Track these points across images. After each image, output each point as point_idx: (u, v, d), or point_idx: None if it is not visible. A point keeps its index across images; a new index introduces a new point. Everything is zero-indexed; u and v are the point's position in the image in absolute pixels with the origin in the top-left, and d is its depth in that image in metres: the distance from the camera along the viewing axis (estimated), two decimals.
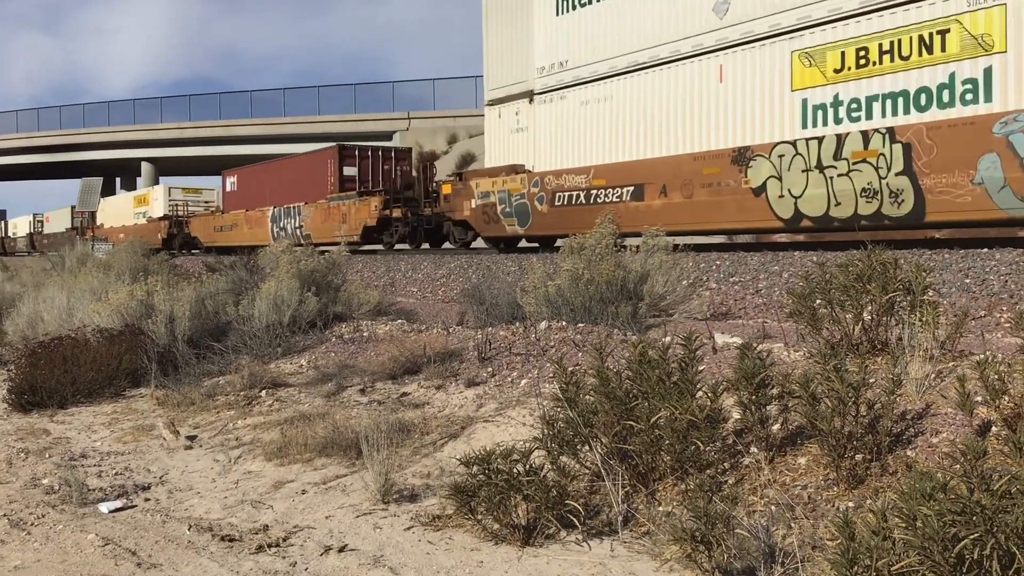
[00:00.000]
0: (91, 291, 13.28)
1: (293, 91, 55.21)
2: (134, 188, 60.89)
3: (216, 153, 53.84)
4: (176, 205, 42.90)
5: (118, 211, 50.49)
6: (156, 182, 56.40)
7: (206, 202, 43.04)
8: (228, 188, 37.54)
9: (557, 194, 18.22)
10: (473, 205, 21.02)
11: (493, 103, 20.85)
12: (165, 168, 59.46)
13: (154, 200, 45.02)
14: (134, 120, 58.36)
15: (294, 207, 31.26)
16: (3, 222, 78.07)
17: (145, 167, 58.43)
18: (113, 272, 15.35)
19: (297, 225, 30.73)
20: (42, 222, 66.17)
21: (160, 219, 42.92)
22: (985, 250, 10.41)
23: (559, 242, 20.31)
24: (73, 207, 58.53)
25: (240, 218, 35.51)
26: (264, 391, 8.24)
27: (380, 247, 27.51)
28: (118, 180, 64.97)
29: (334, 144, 30.22)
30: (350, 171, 29.11)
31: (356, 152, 29.57)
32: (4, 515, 5.33)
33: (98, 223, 53.03)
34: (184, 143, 55.79)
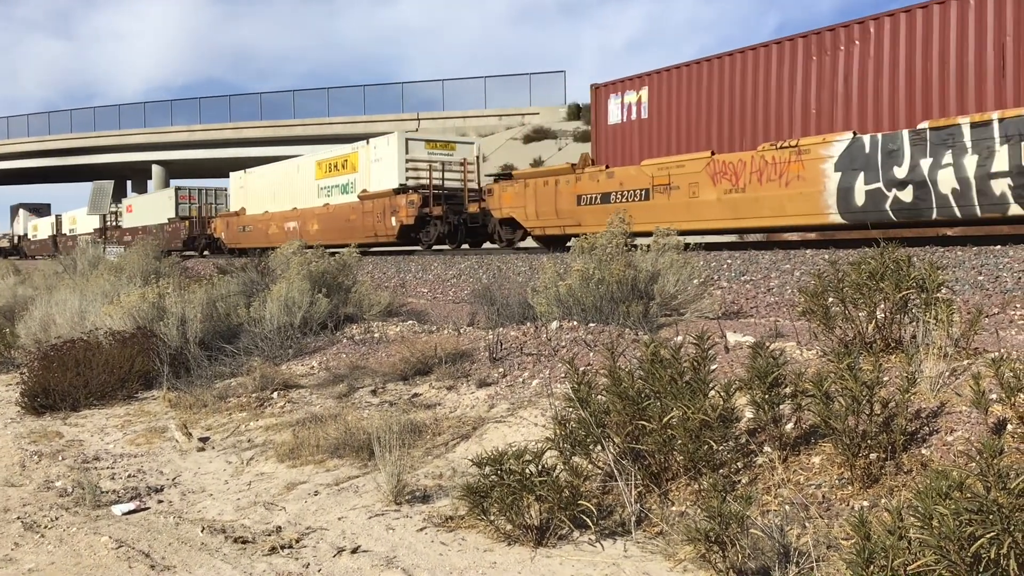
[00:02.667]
0: (103, 294, 13.33)
1: (303, 93, 55.31)
2: (145, 191, 60.19)
3: (226, 155, 53.99)
4: (418, 167, 24.74)
5: (281, 188, 31.48)
6: (167, 185, 56.19)
7: (462, 162, 24.98)
8: (615, 117, 18.25)
9: None
10: None
11: None
12: (176, 171, 59.64)
13: (372, 162, 26.17)
14: (144, 123, 58.57)
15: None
16: (54, 217, 62.04)
17: (156, 170, 58.57)
18: (124, 275, 15.40)
19: None
20: (118, 213, 50.42)
21: (395, 193, 24.48)
22: (999, 247, 10.36)
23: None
24: (178, 189, 42.79)
25: (678, 171, 16.43)
26: (276, 393, 8.25)
27: None
28: (129, 183, 65.15)
29: None
30: None
31: None
32: (18, 518, 5.35)
33: (234, 208, 35.69)
34: (195, 146, 55.94)
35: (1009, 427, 4.06)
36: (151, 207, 44.60)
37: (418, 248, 24.02)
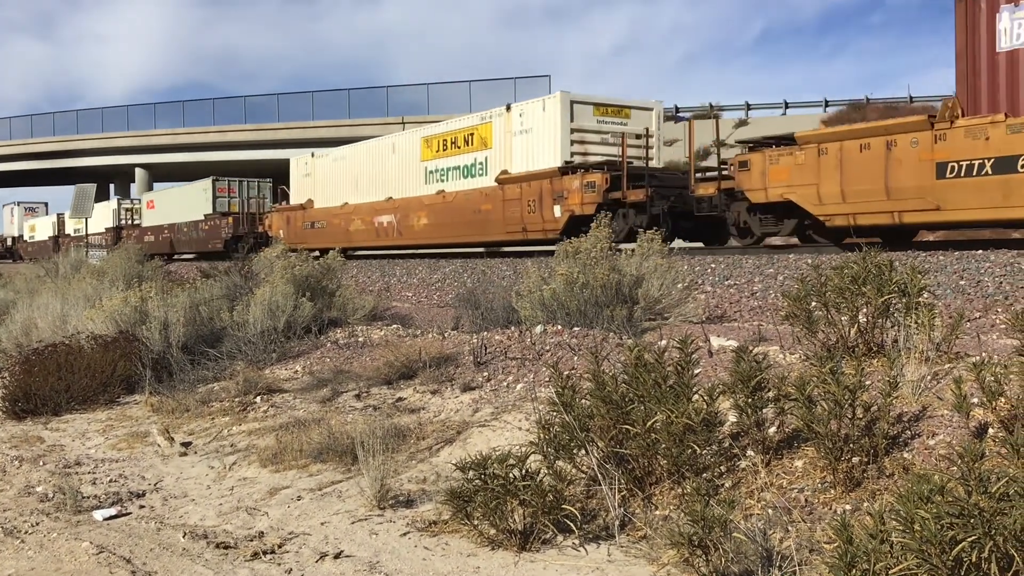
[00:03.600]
0: (85, 298, 13.24)
1: (287, 96, 55.04)
2: (128, 195, 59.66)
3: (210, 159, 53.70)
4: (585, 139, 18.86)
5: (367, 173, 25.41)
6: (150, 188, 55.73)
7: (639, 134, 18.93)
8: (1014, 38, 11.57)
9: None
10: None
11: None
12: (159, 174, 59.32)
13: (517, 134, 19.74)
14: (128, 126, 58.18)
15: None
16: (55, 216, 55.55)
17: (139, 173, 58.22)
18: (107, 279, 15.31)
19: None
20: (133, 210, 44.31)
21: (561, 173, 18.34)
22: (980, 252, 10.42)
23: None
24: (215, 180, 35.99)
25: None
26: (259, 397, 8.22)
27: None
28: (111, 186, 64.75)
29: None
30: None
31: None
32: None
33: (296, 200, 29.10)
34: (178, 149, 55.62)
35: (990, 431, 4.09)
36: (180, 202, 38.25)
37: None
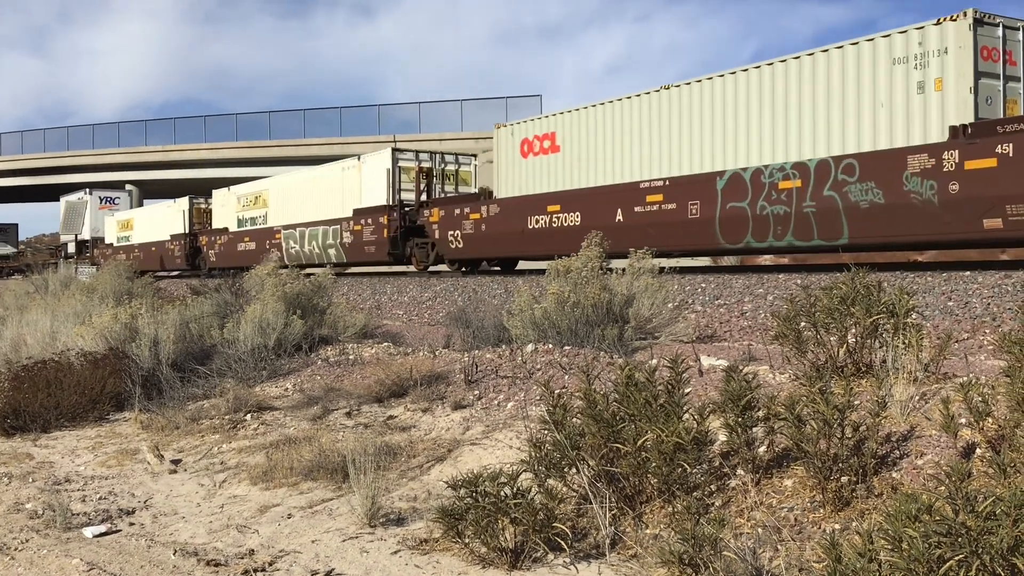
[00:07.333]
0: (75, 314, 13.21)
1: (279, 114, 55.07)
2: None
3: (201, 176, 53.61)
4: None
5: None
6: (140, 205, 55.50)
7: None
8: None
9: None
10: None
11: None
12: (150, 191, 59.22)
13: None
14: (119, 143, 58.11)
15: None
16: (186, 201, 35.91)
17: (129, 189, 58.14)
18: (97, 295, 15.27)
19: None
20: (436, 171, 24.08)
21: None
22: (968, 273, 10.49)
23: None
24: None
25: None
26: (249, 414, 8.21)
27: None
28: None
29: None
30: None
31: None
32: None
33: None
34: (169, 166, 55.59)
35: (978, 451, 4.12)
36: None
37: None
